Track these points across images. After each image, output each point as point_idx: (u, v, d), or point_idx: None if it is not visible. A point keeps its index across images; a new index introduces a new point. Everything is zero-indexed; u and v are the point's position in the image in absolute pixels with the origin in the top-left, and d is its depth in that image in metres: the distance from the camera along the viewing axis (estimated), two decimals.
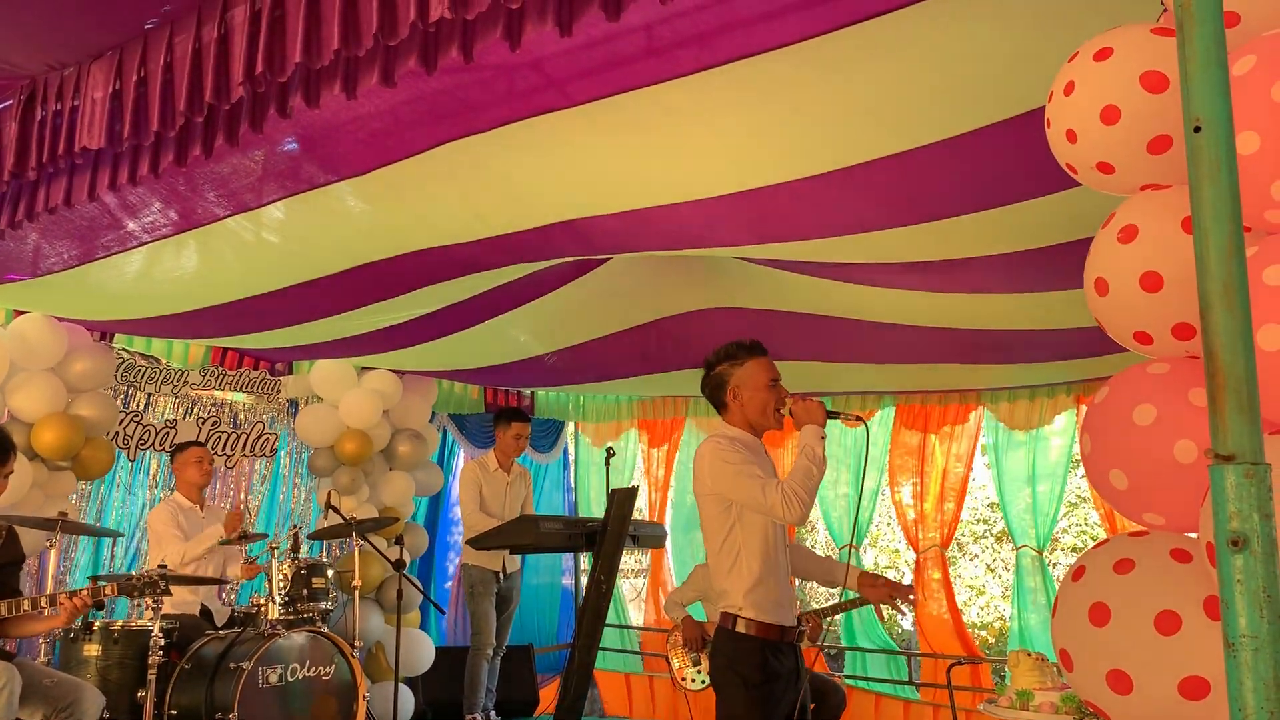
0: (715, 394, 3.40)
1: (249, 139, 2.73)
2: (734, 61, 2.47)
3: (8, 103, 2.95)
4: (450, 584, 7.92)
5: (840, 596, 7.15)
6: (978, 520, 9.38)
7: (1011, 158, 2.93)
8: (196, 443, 5.70)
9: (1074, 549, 9.13)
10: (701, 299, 5.68)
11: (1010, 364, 6.01)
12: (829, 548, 9.19)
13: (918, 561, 7.03)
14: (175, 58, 2.49)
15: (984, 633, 9.17)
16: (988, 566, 9.44)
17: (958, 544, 7.11)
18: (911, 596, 3.60)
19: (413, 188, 3.54)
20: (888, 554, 9.68)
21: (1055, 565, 6.72)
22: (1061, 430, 6.66)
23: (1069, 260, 3.78)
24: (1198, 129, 1.14)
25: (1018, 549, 6.74)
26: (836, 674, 6.98)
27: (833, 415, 3.28)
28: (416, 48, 2.21)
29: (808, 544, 9.98)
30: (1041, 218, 3.30)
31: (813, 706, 3.55)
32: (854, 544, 7.20)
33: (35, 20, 2.54)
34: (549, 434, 8.71)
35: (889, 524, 8.98)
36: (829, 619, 5.30)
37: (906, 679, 6.93)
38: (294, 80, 2.38)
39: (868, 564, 7.50)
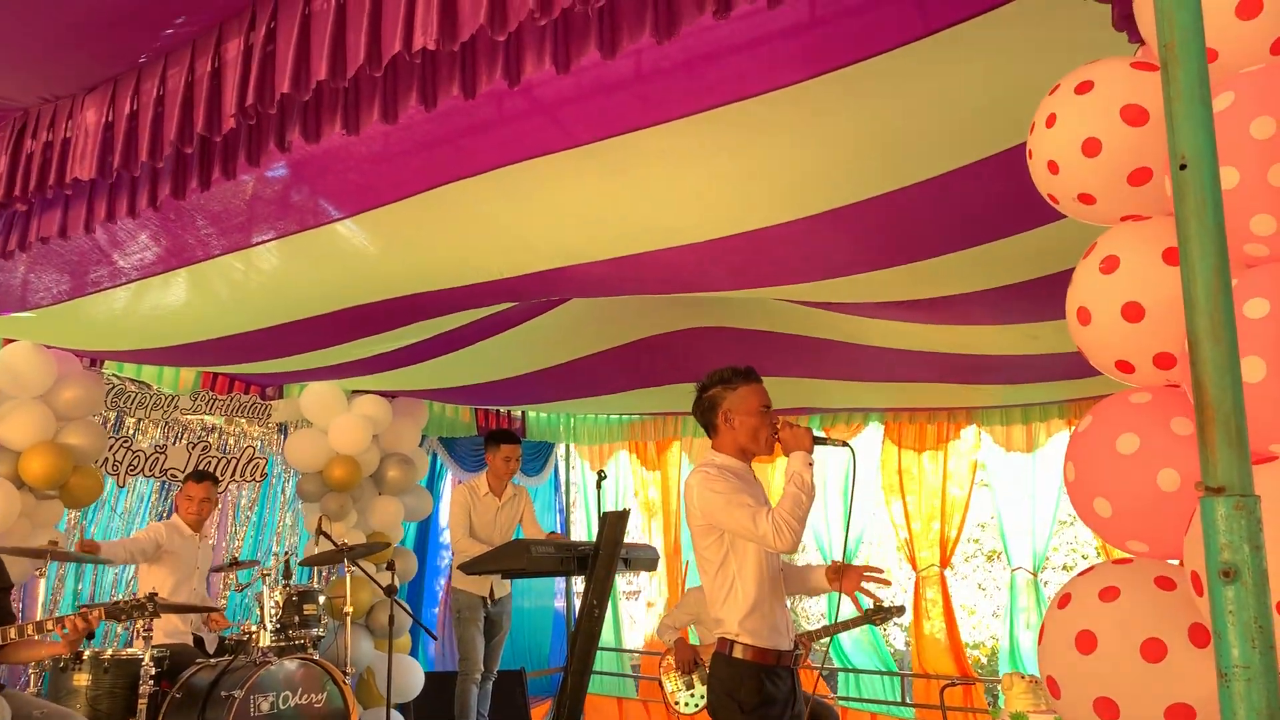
0: (706, 416, 3.41)
1: (244, 174, 2.75)
2: (724, 105, 2.50)
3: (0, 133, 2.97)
4: (438, 609, 7.90)
5: (829, 619, 7.16)
6: (969, 540, 9.40)
7: (997, 194, 2.96)
8: (200, 477, 5.60)
9: (1065, 568, 9.16)
10: (692, 318, 5.71)
11: (1001, 384, 6.05)
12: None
13: (916, 581, 7.04)
14: (168, 90, 2.51)
15: (976, 652, 9.18)
16: (979, 585, 9.46)
17: (950, 563, 7.11)
18: (900, 606, 3.59)
19: (405, 232, 3.57)
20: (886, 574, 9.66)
21: (1046, 584, 6.75)
22: (1056, 453, 6.69)
23: (1056, 291, 3.83)
24: (1183, 166, 1.16)
25: (1013, 570, 6.76)
26: (830, 695, 6.97)
27: (820, 441, 3.29)
28: (416, 84, 2.23)
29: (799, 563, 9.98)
30: (1028, 252, 3.34)
31: None
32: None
33: (30, 54, 2.56)
34: (539, 457, 8.70)
35: (879, 544, 8.98)
36: (819, 640, 5.30)
37: (900, 699, 6.93)
38: (291, 115, 2.40)
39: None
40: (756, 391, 3.34)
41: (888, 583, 3.45)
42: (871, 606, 5.15)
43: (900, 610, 5.28)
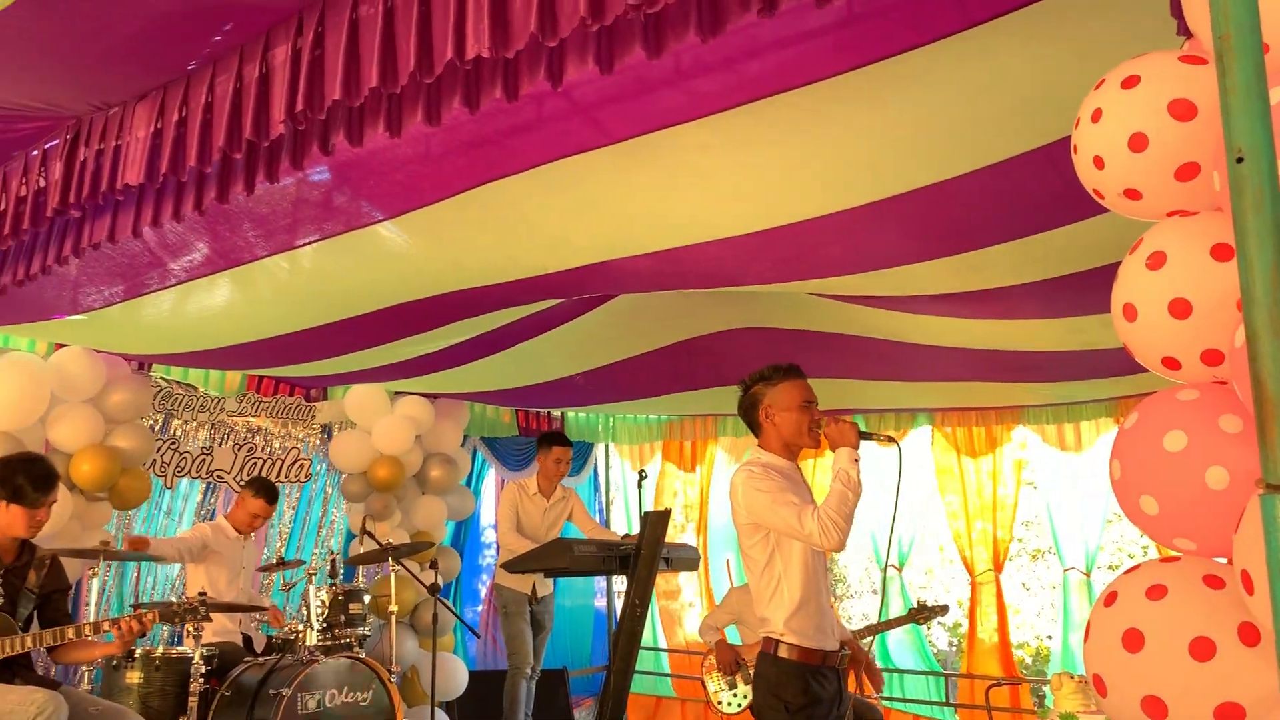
0: (749, 414, 3.41)
1: (286, 177, 2.79)
2: (767, 98, 2.50)
3: (54, 142, 3.04)
4: (480, 608, 7.95)
5: (878, 617, 7.12)
6: (1015, 539, 9.29)
7: (1042, 186, 2.94)
8: (271, 499, 5.66)
9: (1110, 567, 9.03)
10: (731, 319, 5.71)
11: (1048, 382, 5.98)
12: (870, 569, 9.15)
13: (972, 585, 6.98)
14: (216, 97, 2.56)
15: (1021, 652, 9.08)
16: (1023, 585, 9.35)
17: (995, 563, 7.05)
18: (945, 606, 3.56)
19: (447, 231, 3.61)
20: (929, 574, 9.58)
21: (1097, 584, 6.67)
22: (1104, 452, 6.61)
23: (1103, 284, 3.79)
24: (1240, 159, 1.14)
25: (1065, 570, 6.68)
26: (873, 695, 6.94)
27: (865, 436, 3.27)
28: (460, 87, 2.26)
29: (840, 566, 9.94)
30: (1075, 244, 3.31)
31: None
32: (897, 566, 7.17)
33: (85, 65, 2.61)
34: (579, 456, 8.73)
35: (931, 549, 8.89)
36: (863, 639, 5.28)
37: (943, 700, 6.88)
38: (335, 118, 2.44)
39: (913, 583, 7.45)
40: (798, 386, 3.33)
41: (943, 606, 3.42)
42: (916, 605, 5.14)
43: (944, 610, 5.25)
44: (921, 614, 5.28)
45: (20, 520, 3.89)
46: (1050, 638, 8.65)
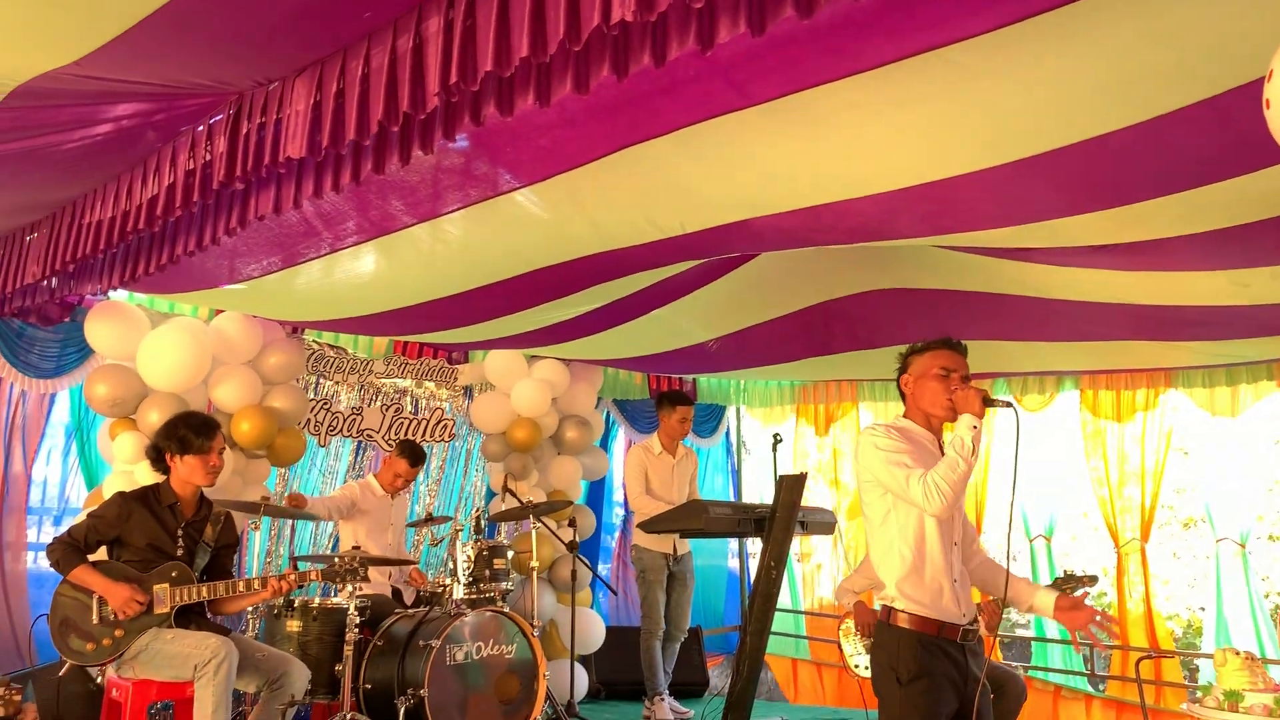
0: (898, 385, 3.39)
1: (441, 147, 2.84)
2: (922, 54, 2.43)
3: (218, 117, 3.17)
4: (611, 564, 8.10)
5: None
6: (1164, 506, 8.93)
7: (1206, 140, 2.78)
8: (416, 461, 5.87)
9: (1271, 538, 8.58)
10: (868, 281, 5.60)
11: (1203, 340, 5.66)
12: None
13: (1118, 557, 6.75)
14: (371, 69, 2.61)
15: (1172, 624, 8.75)
16: (1174, 554, 8.99)
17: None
18: (1113, 626, 3.33)
19: (588, 194, 3.62)
20: (1073, 540, 9.28)
21: (1251, 554, 6.36)
22: (1266, 416, 6.26)
23: (1271, 237, 3.57)
24: None
25: (1218, 541, 6.39)
26: (1015, 664, 6.80)
27: (989, 403, 3.14)
28: (608, 54, 2.26)
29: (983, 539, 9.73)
30: (1246, 195, 3.12)
31: (991, 697, 3.43)
32: (1046, 536, 6.98)
33: (243, 41, 2.71)
34: (711, 419, 8.76)
35: (1075, 517, 8.62)
36: (1007, 608, 5.16)
37: (1087, 671, 6.69)
38: (486, 89, 2.47)
39: (1056, 550, 7.23)
40: (937, 355, 3.26)
41: (1115, 634, 3.25)
42: (1063, 574, 4.99)
43: (1093, 580, 5.08)
44: (1069, 583, 5.11)
45: (197, 468, 4.16)
46: (1203, 609, 8.32)
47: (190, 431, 4.17)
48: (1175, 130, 2.76)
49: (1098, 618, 3.10)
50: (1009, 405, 3.23)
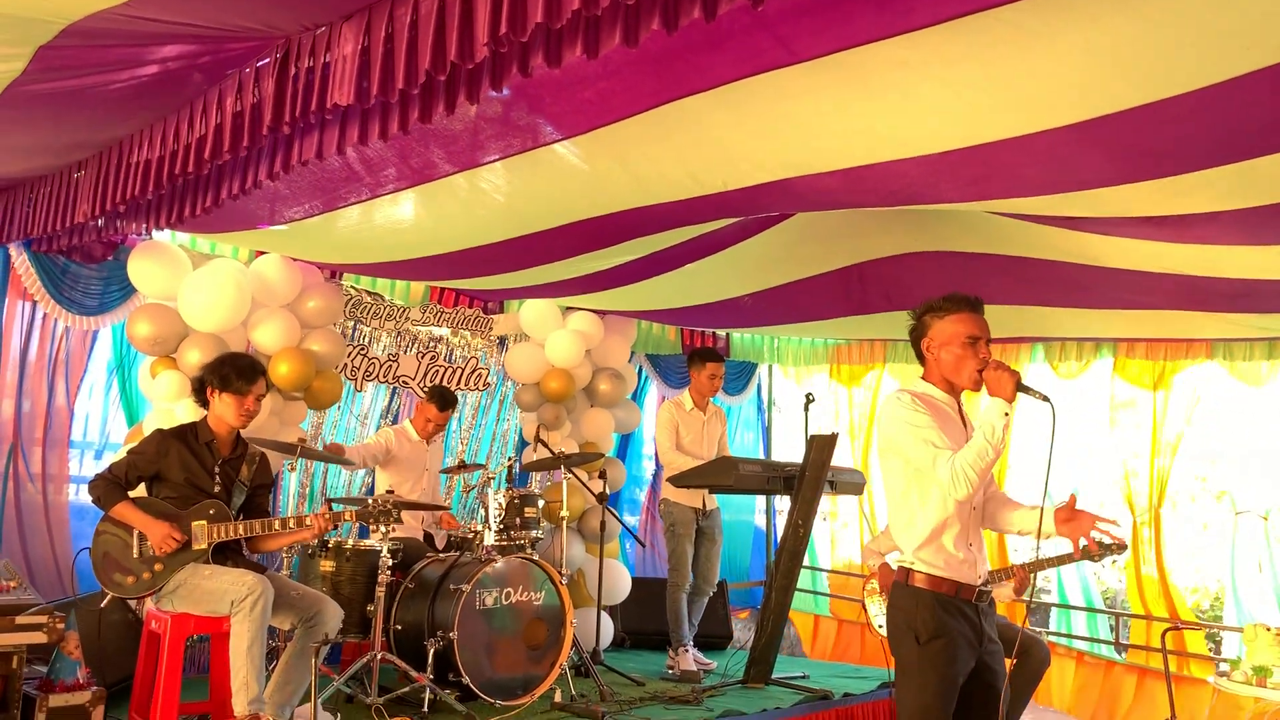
0: (915, 345, 3.30)
1: (485, 97, 2.83)
2: (976, 13, 2.39)
3: (265, 60, 3.17)
4: (640, 516, 8.17)
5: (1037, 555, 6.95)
6: (1195, 477, 8.85)
7: (1265, 110, 2.72)
8: (445, 405, 5.92)
9: None
10: (907, 242, 5.55)
11: (1246, 313, 5.57)
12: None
13: (1133, 523, 6.72)
14: (420, 15, 2.59)
15: (1196, 596, 8.71)
16: (1204, 525, 8.92)
17: (1171, 501, 6.72)
18: (1122, 542, 3.29)
19: (630, 148, 3.61)
20: (1100, 508, 9.21)
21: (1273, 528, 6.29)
22: None
23: None
24: None
25: (1238, 514, 6.34)
26: (1039, 629, 6.82)
27: (1023, 390, 3.04)
28: (659, 6, 2.23)
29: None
30: None
31: (1014, 662, 3.44)
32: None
33: None
34: (742, 376, 8.76)
35: (1097, 485, 8.57)
36: (1035, 573, 5.16)
37: (1111, 639, 6.70)
38: (535, 40, 2.46)
39: None
40: (964, 320, 3.15)
41: (1120, 542, 3.23)
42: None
43: (1123, 547, 5.06)
44: (1099, 551, 5.10)
45: (232, 406, 4.22)
46: (1220, 581, 8.28)
47: (234, 371, 4.23)
48: (1233, 99, 2.70)
49: (1099, 523, 3.10)
50: (1045, 399, 3.07)
